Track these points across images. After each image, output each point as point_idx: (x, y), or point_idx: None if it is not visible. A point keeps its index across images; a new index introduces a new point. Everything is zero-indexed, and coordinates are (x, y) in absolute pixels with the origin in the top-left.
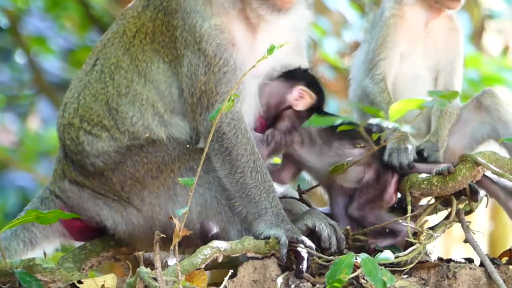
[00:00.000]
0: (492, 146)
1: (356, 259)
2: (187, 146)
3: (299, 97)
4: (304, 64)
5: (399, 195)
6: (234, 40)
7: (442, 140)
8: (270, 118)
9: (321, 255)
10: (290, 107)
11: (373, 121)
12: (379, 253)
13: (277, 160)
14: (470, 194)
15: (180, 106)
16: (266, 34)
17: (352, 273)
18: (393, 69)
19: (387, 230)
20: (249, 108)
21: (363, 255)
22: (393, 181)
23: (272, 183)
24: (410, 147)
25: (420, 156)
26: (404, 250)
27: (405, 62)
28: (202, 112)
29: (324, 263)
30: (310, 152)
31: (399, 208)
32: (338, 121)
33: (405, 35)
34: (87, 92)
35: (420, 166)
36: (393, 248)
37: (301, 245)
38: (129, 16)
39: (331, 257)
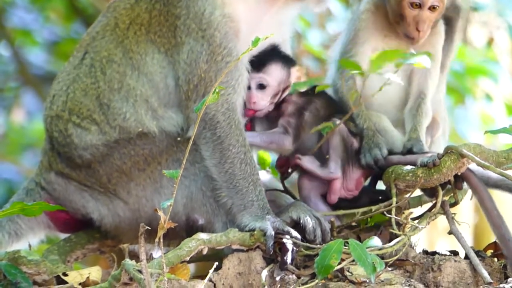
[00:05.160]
0: None
1: (344, 246)
2: (178, 139)
3: (298, 79)
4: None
5: (383, 186)
6: (239, 30)
7: (422, 135)
8: (273, 109)
9: (307, 244)
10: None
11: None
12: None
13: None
14: (455, 183)
15: (176, 97)
16: (266, 26)
17: (337, 265)
18: (364, 65)
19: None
20: (242, 101)
21: (352, 241)
22: (358, 173)
23: (260, 177)
24: (381, 142)
25: (411, 153)
26: (388, 242)
27: None
28: (197, 99)
29: (310, 252)
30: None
31: (384, 200)
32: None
33: (379, 32)
34: (76, 86)
35: (394, 158)
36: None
37: (287, 236)
38: (121, 8)
39: (318, 245)
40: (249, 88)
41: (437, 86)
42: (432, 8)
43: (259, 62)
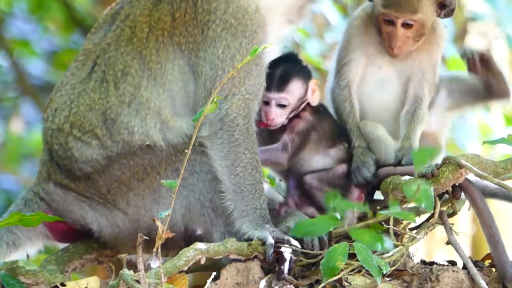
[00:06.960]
0: None
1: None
2: (185, 150)
3: (313, 92)
4: None
5: (381, 196)
6: (267, 34)
7: (415, 143)
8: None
9: (307, 251)
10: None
11: None
12: None
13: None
14: (453, 193)
15: (194, 101)
16: (278, 36)
17: (336, 275)
18: (359, 72)
19: None
20: (258, 109)
21: (357, 243)
22: (357, 192)
23: (264, 187)
24: (369, 160)
25: (400, 165)
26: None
27: (372, 65)
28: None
29: (309, 261)
30: (317, 150)
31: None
32: None
33: (371, 38)
34: (81, 101)
35: (384, 171)
36: None
37: (286, 245)
38: (136, 16)
39: (317, 252)
40: (266, 103)
41: (448, 115)
42: (406, 25)
43: (281, 81)
